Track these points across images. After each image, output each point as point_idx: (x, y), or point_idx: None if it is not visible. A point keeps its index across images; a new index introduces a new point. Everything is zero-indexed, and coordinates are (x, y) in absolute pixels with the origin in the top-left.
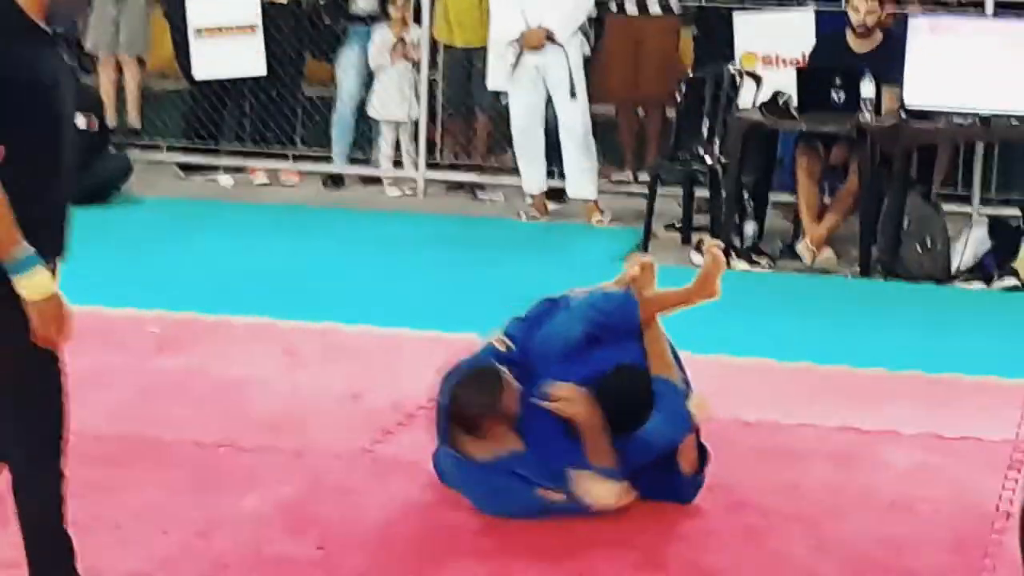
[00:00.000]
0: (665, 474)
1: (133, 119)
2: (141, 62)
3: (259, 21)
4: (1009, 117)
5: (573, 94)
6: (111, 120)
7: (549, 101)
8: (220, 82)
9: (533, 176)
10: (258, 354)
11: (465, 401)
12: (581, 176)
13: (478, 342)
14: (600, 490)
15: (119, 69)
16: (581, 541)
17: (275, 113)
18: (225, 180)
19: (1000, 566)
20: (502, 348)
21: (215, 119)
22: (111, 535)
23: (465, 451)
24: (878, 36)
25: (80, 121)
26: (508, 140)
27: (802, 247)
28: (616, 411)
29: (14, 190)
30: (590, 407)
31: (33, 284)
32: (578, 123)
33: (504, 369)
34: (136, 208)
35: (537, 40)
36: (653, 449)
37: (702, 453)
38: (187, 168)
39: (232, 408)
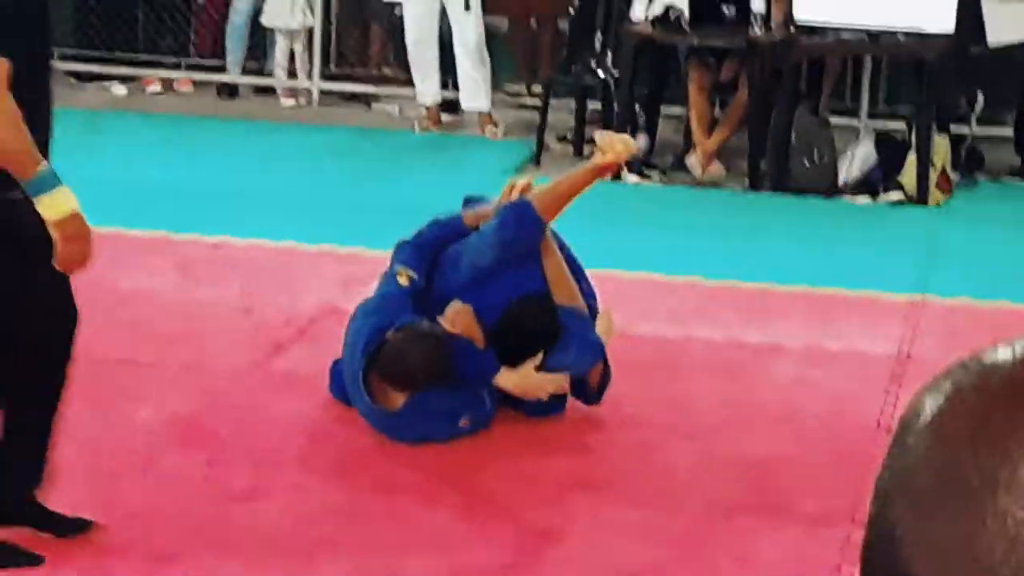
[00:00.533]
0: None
1: None
2: None
3: None
4: (896, 33)
5: (467, 6)
6: None
7: (443, 13)
8: None
9: (427, 88)
10: (152, 268)
11: (412, 366)
12: (475, 88)
13: (378, 268)
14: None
15: None
16: (470, 458)
17: (169, 21)
18: (118, 89)
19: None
20: (405, 282)
21: (109, 27)
22: None
23: (386, 403)
24: None
25: None
26: (402, 51)
27: (692, 160)
28: (522, 341)
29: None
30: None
31: (57, 203)
32: (472, 35)
33: (444, 331)
34: None
35: None
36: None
37: (605, 371)
38: (80, 77)
39: (124, 322)
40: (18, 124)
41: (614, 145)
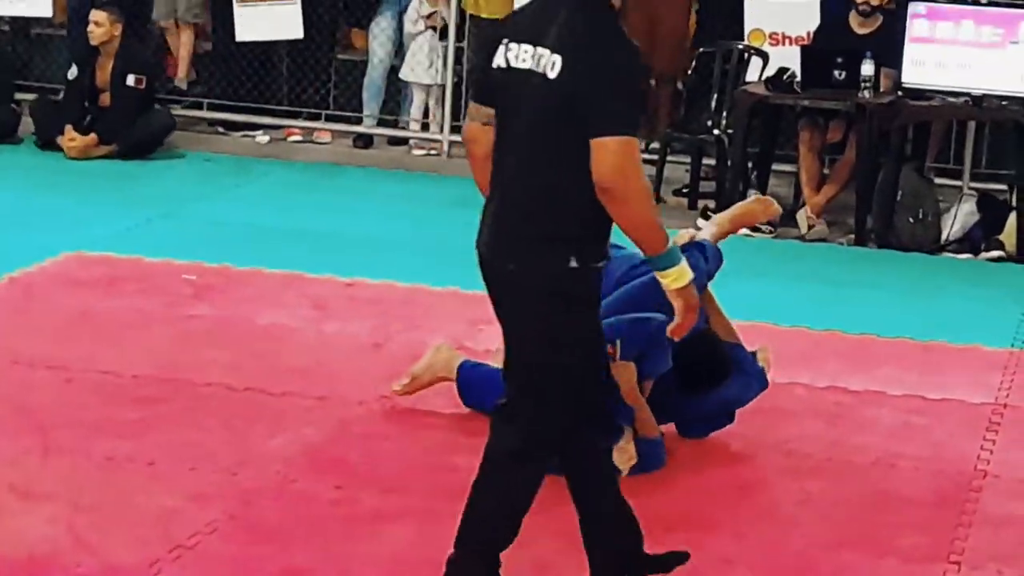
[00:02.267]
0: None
1: (181, 81)
2: (196, 26)
3: None
4: (998, 98)
5: None
6: (181, 79)
7: None
8: (260, 45)
9: None
10: (288, 304)
11: None
12: None
13: None
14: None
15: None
16: None
17: (311, 75)
18: (261, 138)
19: (976, 523)
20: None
21: (255, 81)
22: (145, 471)
23: None
24: (879, 19)
25: (130, 80)
26: None
27: (801, 215)
28: (692, 373)
29: None
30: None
31: (682, 275)
32: None
33: None
34: (176, 163)
35: None
36: (731, 407)
37: None
38: (228, 126)
39: (262, 355)
40: (651, 202)
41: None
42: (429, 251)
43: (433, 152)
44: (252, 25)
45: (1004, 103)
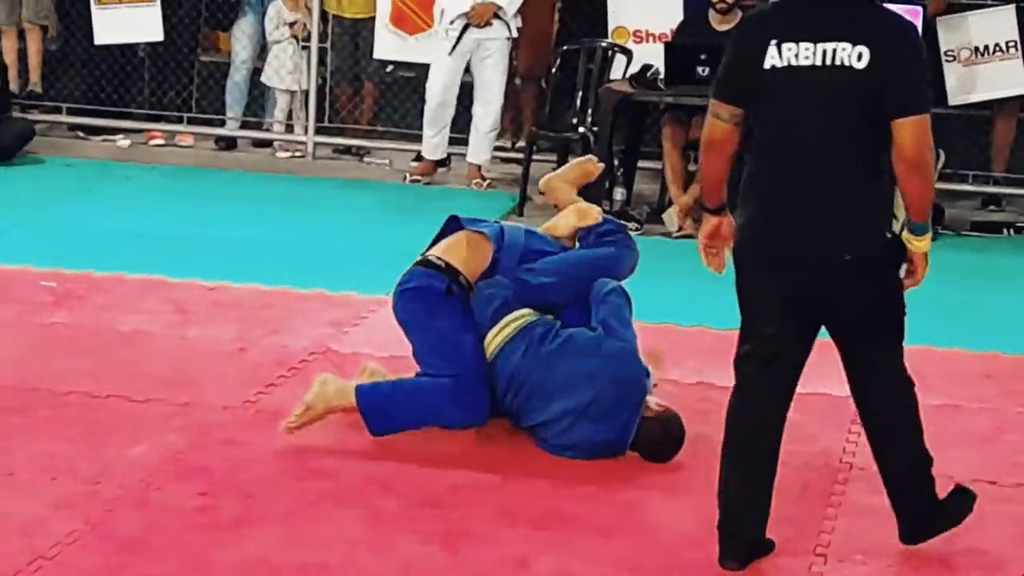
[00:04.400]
0: None
1: (35, 85)
2: (44, 29)
3: None
4: None
5: (502, 69)
6: (14, 85)
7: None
8: (120, 48)
9: (438, 143)
10: (150, 310)
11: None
12: (483, 144)
13: (368, 311)
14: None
15: (21, 36)
16: (459, 483)
17: (172, 78)
18: (122, 142)
19: (842, 515)
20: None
21: (115, 84)
22: (4, 482)
23: None
24: (737, 15)
25: None
26: (392, 107)
27: (669, 214)
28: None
29: None
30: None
31: (927, 241)
32: (497, 94)
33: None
34: (36, 169)
35: (487, 14)
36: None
37: None
38: (87, 131)
39: (123, 362)
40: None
41: (591, 213)
42: (294, 254)
43: (298, 154)
44: (111, 27)
45: None
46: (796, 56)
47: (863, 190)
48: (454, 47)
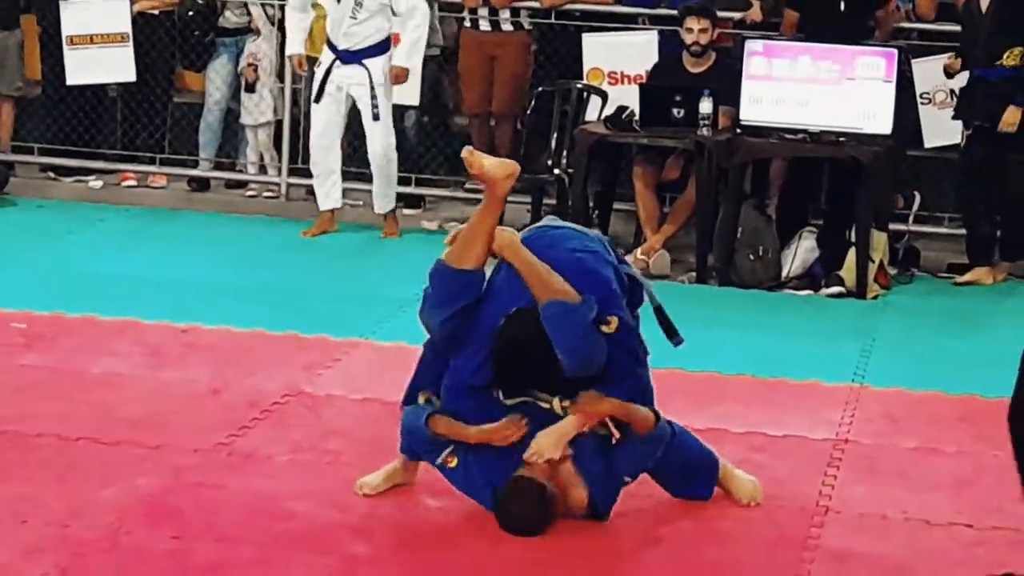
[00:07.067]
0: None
1: (5, 147)
2: (16, 98)
3: (130, 30)
4: (836, 134)
5: (376, 116)
6: (5, 146)
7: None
8: (92, 89)
9: (328, 193)
10: (121, 352)
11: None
12: (381, 196)
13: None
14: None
15: None
16: (441, 528)
17: (144, 119)
18: (94, 183)
19: (819, 559)
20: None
21: (87, 125)
22: None
23: None
24: (711, 57)
25: None
26: (366, 149)
27: (638, 254)
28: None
29: None
30: None
31: None
32: (378, 145)
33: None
34: (7, 209)
35: (403, 77)
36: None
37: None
38: (59, 171)
39: (95, 404)
40: None
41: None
42: (267, 296)
43: (271, 195)
44: (83, 68)
45: (842, 139)
46: None
47: None
48: (319, 89)
